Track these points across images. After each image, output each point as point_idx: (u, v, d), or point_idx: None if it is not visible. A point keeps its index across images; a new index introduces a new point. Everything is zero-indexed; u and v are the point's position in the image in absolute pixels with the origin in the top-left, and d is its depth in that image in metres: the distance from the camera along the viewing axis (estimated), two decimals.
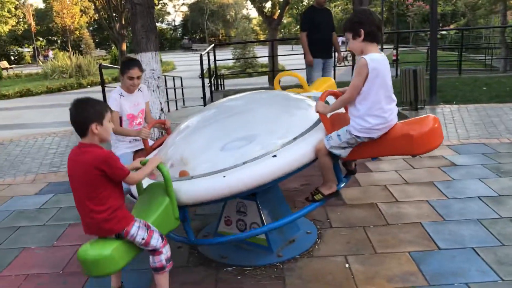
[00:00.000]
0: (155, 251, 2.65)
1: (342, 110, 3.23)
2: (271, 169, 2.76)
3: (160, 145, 3.97)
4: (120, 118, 4.00)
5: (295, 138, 3.00)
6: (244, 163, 2.85)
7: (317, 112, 2.97)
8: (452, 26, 40.47)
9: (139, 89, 4.10)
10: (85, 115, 2.51)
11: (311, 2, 27.59)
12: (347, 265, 3.16)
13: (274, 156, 2.80)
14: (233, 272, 3.21)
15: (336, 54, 7.29)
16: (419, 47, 29.57)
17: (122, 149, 4.09)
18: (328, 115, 3.03)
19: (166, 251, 2.69)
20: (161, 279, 2.71)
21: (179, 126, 3.72)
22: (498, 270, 2.96)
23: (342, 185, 3.23)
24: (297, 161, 2.84)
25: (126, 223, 2.55)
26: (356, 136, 2.85)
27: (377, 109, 2.78)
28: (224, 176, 2.74)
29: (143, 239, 2.59)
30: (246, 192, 2.85)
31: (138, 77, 3.95)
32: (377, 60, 2.75)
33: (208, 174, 2.87)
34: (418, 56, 22.43)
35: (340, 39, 7.80)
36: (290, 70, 12.54)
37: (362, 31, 2.77)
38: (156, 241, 2.63)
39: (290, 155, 2.83)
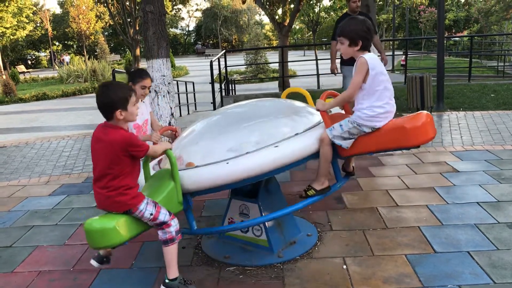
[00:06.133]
0: (164, 224, 2.79)
1: (342, 111, 3.42)
2: (273, 157, 2.90)
3: None
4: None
5: (297, 134, 3.13)
6: (247, 153, 2.99)
7: (317, 109, 3.12)
8: (465, 32, 40.27)
9: (142, 100, 4.25)
10: (110, 101, 2.63)
11: (327, 10, 27.58)
12: (344, 267, 3.27)
13: (276, 146, 2.96)
14: (235, 271, 3.33)
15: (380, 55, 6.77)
16: (431, 53, 29.48)
17: None
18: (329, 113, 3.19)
19: (175, 224, 2.83)
20: (170, 252, 2.81)
21: (184, 131, 3.86)
22: (491, 273, 3.04)
23: (338, 185, 3.37)
24: (298, 152, 2.98)
25: (137, 201, 2.70)
26: (359, 124, 2.98)
27: (380, 101, 2.96)
28: (227, 163, 2.90)
29: (151, 214, 2.73)
30: (248, 181, 2.98)
31: (149, 87, 4.12)
32: (374, 58, 2.97)
33: (213, 163, 3.01)
34: (429, 62, 22.40)
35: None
36: (300, 78, 12.67)
37: (360, 43, 2.96)
38: (163, 216, 2.78)
39: (292, 146, 2.98)
